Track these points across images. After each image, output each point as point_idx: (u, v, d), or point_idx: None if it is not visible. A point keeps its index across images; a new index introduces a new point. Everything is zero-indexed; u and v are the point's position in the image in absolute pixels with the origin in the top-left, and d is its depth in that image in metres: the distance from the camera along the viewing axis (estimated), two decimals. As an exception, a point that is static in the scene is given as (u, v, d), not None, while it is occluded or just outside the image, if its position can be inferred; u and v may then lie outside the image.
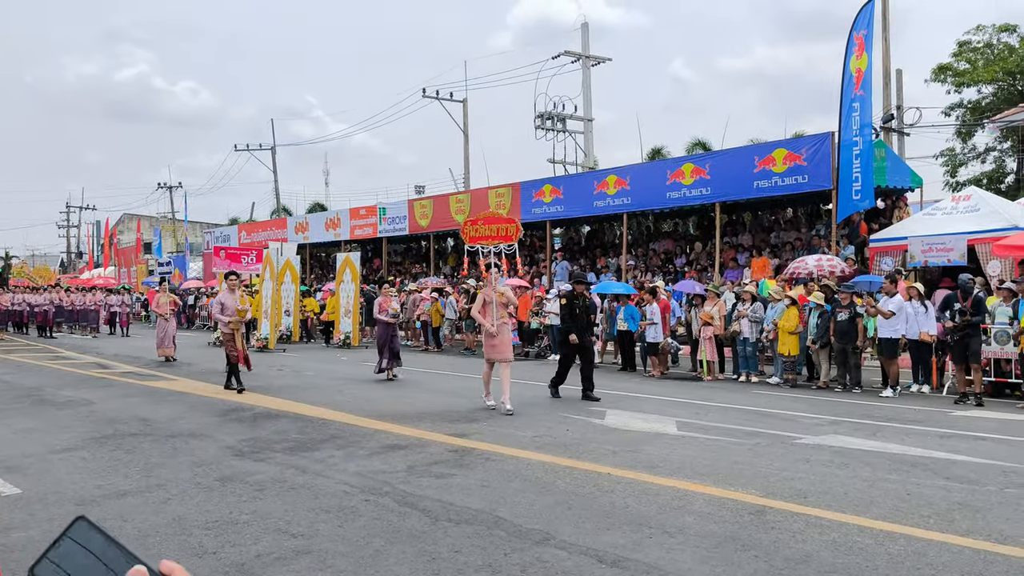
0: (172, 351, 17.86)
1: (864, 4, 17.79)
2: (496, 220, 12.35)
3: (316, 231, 34.07)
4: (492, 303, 10.76)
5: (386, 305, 14.72)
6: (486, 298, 10.92)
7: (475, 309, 11.04)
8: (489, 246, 11.83)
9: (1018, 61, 31.54)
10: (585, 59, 34.61)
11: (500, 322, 10.66)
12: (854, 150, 17.14)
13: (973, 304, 11.46)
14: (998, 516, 5.38)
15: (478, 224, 12.18)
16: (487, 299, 10.88)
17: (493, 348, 10.64)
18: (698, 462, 7.17)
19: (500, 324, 10.65)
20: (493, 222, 12.19)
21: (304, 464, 7.16)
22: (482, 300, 10.99)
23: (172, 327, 18.13)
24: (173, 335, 18.07)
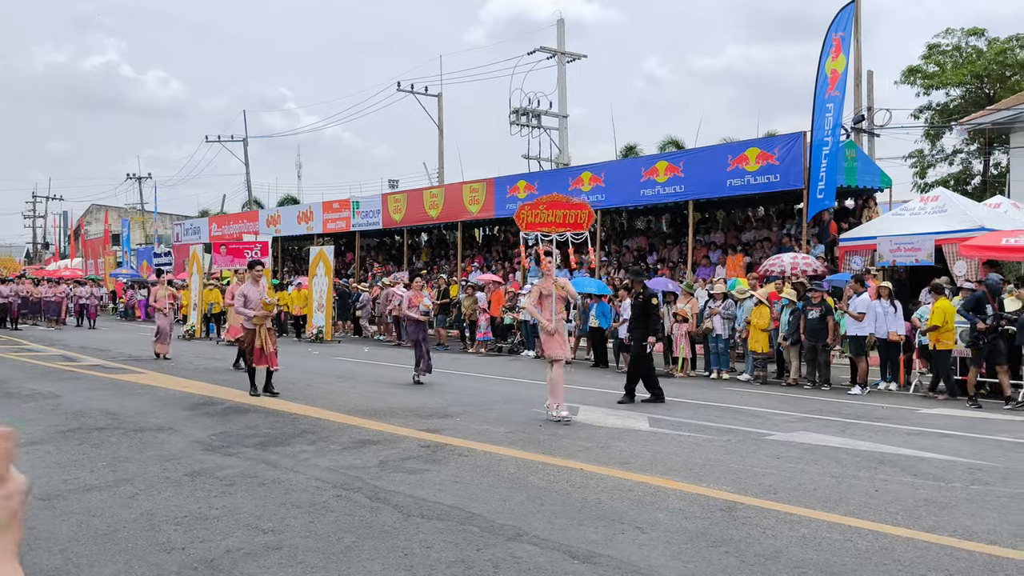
0: (168, 348, 16.82)
1: (845, 5, 17.96)
2: (561, 204, 10.79)
3: (288, 224, 33.78)
4: (551, 296, 9.64)
5: (416, 301, 13.26)
6: (543, 291, 9.72)
7: (530, 302, 9.93)
8: (553, 234, 10.50)
9: (986, 65, 32.05)
10: (560, 55, 34.60)
11: (559, 318, 9.71)
12: (824, 150, 17.32)
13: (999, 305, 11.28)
14: (963, 512, 5.47)
15: (539, 208, 10.70)
16: (545, 292, 9.70)
17: (553, 344, 9.66)
18: (670, 458, 7.21)
19: (558, 320, 9.67)
20: (558, 207, 10.68)
21: (275, 459, 7.10)
22: (538, 293, 9.79)
23: (170, 322, 17.21)
24: (170, 332, 17.10)
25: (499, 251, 28.18)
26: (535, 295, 9.86)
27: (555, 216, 10.57)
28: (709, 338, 14.81)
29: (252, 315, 11.02)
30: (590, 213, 10.74)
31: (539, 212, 10.63)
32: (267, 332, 11.12)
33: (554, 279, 9.77)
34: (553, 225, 10.55)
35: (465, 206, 26.22)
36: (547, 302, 9.69)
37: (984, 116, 26.23)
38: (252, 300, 11.11)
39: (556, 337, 9.59)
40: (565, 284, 9.91)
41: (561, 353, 9.52)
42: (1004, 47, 32.13)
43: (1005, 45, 32.18)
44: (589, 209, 10.84)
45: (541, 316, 9.63)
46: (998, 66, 32.07)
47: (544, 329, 9.66)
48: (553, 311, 9.59)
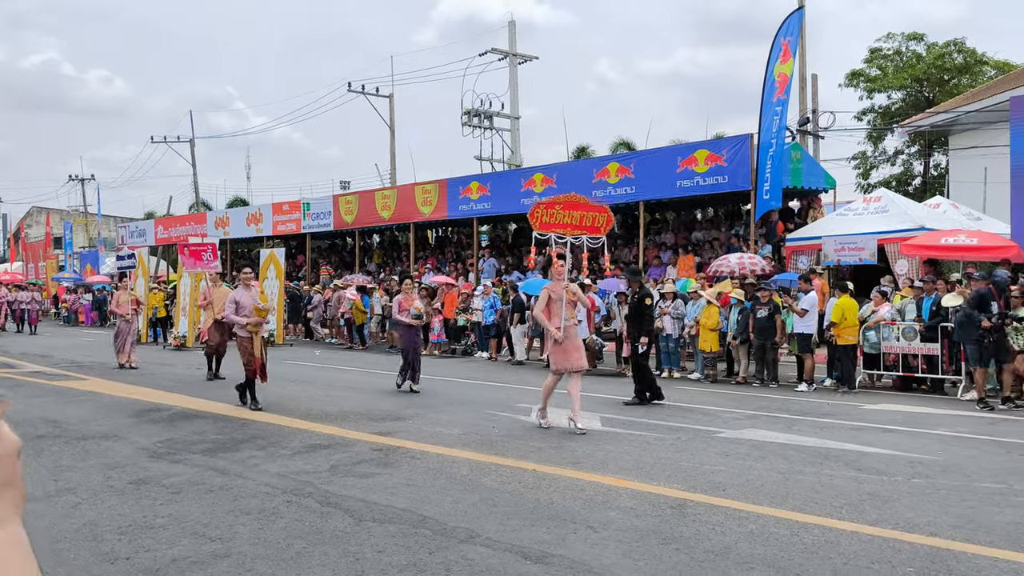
0: (133, 357, 15.75)
1: (793, 11, 18.34)
2: (579, 206, 10.10)
3: (237, 226, 33.27)
4: (560, 301, 8.96)
5: (407, 304, 12.20)
6: (552, 295, 9.02)
7: (538, 308, 9.11)
8: (567, 236, 9.84)
9: (925, 68, 32.96)
10: (512, 57, 34.68)
11: (569, 324, 8.98)
12: (769, 152, 17.65)
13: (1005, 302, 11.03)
14: (905, 505, 5.61)
15: (554, 208, 10.03)
16: (554, 296, 9.01)
17: (563, 355, 8.86)
18: (622, 457, 7.26)
19: (569, 326, 8.98)
20: (575, 208, 10.01)
21: (223, 465, 6.98)
22: (547, 297, 9.04)
23: (134, 330, 16.24)
24: (134, 340, 16.11)
25: (452, 253, 28.13)
26: (543, 300, 9.09)
27: (572, 218, 10.02)
28: (660, 338, 14.96)
29: (245, 322, 10.30)
30: (609, 217, 10.17)
31: (555, 212, 10.06)
32: (262, 341, 10.45)
33: (565, 283, 9.15)
34: (569, 227, 9.99)
35: (418, 207, 26.12)
36: (555, 308, 9.00)
37: (924, 119, 26.97)
38: (244, 306, 10.40)
39: (566, 345, 8.85)
40: (576, 289, 9.28)
41: (572, 364, 8.83)
42: (942, 52, 33.09)
43: (943, 50, 33.15)
44: (609, 213, 10.23)
45: (550, 324, 8.92)
46: (937, 70, 33.01)
47: (551, 338, 8.99)
48: (562, 317, 8.90)
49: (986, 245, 13.69)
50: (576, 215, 10.02)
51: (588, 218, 10.07)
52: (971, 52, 33.05)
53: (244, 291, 10.61)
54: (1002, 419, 9.69)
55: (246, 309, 10.36)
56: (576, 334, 9.09)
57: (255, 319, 10.34)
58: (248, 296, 10.52)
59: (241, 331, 10.40)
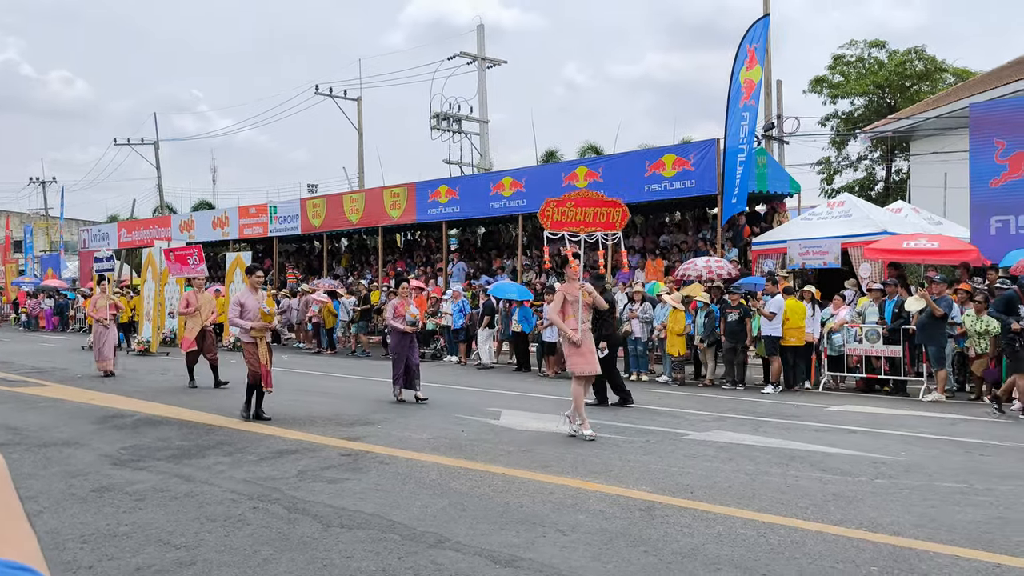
0: (112, 364, 15.17)
1: (759, 18, 18.57)
2: (592, 202, 9.81)
3: (203, 230, 32.86)
4: (576, 303, 8.66)
5: (402, 309, 11.66)
6: (568, 296, 8.70)
7: (553, 310, 8.79)
8: (580, 234, 9.56)
9: (887, 75, 33.55)
10: (481, 61, 34.70)
11: (584, 327, 8.70)
12: (739, 157, 17.84)
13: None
14: (869, 505, 5.70)
15: (566, 206, 9.73)
16: (569, 297, 8.69)
17: (581, 359, 8.57)
18: (591, 460, 7.29)
19: (585, 329, 8.69)
20: (588, 204, 9.73)
21: (189, 472, 6.89)
22: (562, 299, 8.71)
23: (112, 336, 15.51)
24: (114, 345, 15.49)
25: (421, 257, 28.05)
26: (558, 302, 8.73)
27: (584, 215, 9.68)
28: (628, 341, 15.05)
29: (250, 327, 9.78)
30: (624, 212, 9.81)
31: (566, 210, 9.72)
32: (267, 347, 9.91)
33: (581, 284, 8.84)
34: (582, 224, 9.66)
35: (386, 211, 26.00)
36: (571, 309, 8.68)
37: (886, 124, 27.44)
38: (249, 310, 9.83)
39: (583, 348, 8.57)
40: (592, 290, 8.91)
41: (589, 368, 8.60)
42: (904, 59, 33.72)
43: (905, 57, 33.77)
44: (624, 207, 9.88)
45: (566, 325, 8.60)
46: (898, 77, 33.62)
47: (568, 340, 8.61)
48: (579, 319, 8.62)
49: (946, 249, 13.96)
50: (589, 211, 9.70)
51: (602, 214, 9.75)
52: (931, 59, 33.72)
53: (251, 294, 10.07)
54: (963, 419, 9.88)
55: (251, 313, 9.84)
56: (591, 337, 8.83)
57: (261, 324, 9.82)
58: (254, 299, 9.97)
59: (245, 336, 9.90)
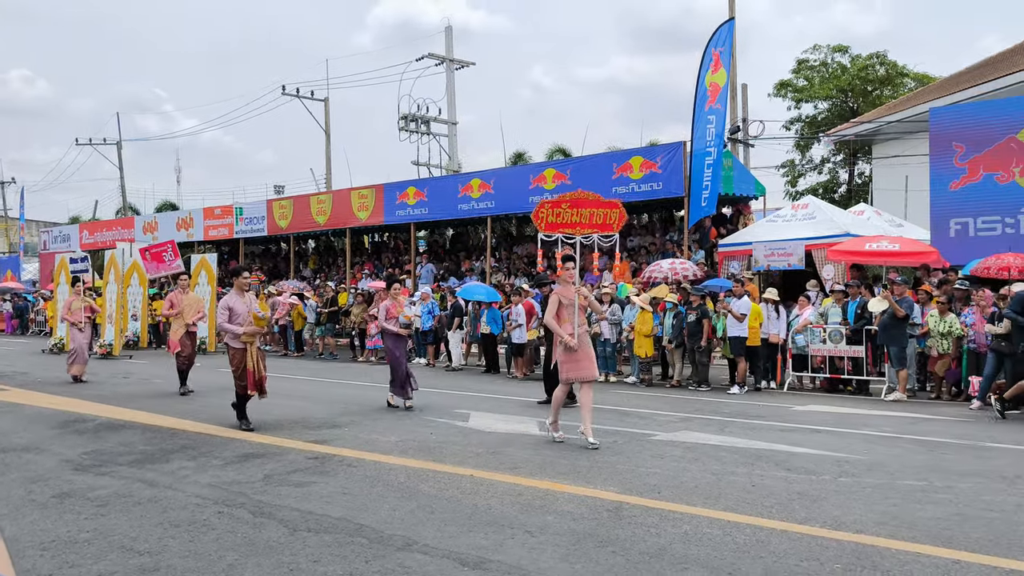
0: (84, 369, 14.60)
1: (724, 22, 18.76)
2: (588, 203, 9.54)
3: (167, 231, 32.41)
4: (572, 306, 8.40)
5: (396, 311, 11.05)
6: (563, 300, 8.42)
7: (548, 314, 8.49)
8: (576, 236, 9.41)
9: (850, 80, 34.10)
10: (449, 62, 34.67)
11: (581, 331, 8.41)
12: (707, 160, 18.01)
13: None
14: (833, 504, 5.78)
15: (561, 207, 9.46)
16: (564, 301, 8.42)
17: (575, 364, 8.28)
18: (559, 462, 7.31)
19: (582, 333, 8.41)
20: (584, 205, 9.46)
21: (152, 477, 6.79)
22: (557, 303, 8.44)
23: (87, 339, 14.89)
24: (86, 349, 14.81)
25: (389, 258, 27.94)
26: (553, 306, 8.45)
27: (581, 216, 9.45)
28: (597, 342, 15.10)
29: (241, 332, 9.21)
30: (622, 213, 9.60)
31: (562, 211, 9.49)
32: (259, 352, 9.46)
33: (576, 287, 8.55)
34: (578, 226, 9.45)
35: (354, 212, 25.88)
36: (566, 313, 8.43)
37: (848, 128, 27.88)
38: (239, 313, 9.31)
39: (579, 354, 8.30)
40: (588, 293, 8.68)
41: (585, 374, 8.29)
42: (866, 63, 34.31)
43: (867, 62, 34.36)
44: (622, 208, 9.66)
45: (562, 331, 8.32)
46: (861, 81, 34.21)
47: (564, 346, 8.29)
48: (575, 324, 8.35)
49: (907, 251, 14.22)
50: (585, 213, 9.47)
51: (599, 215, 9.49)
52: (892, 64, 34.34)
53: (238, 297, 9.52)
54: (924, 418, 10.06)
55: (241, 317, 9.30)
56: (588, 342, 8.56)
57: (252, 328, 9.24)
58: (243, 303, 9.44)
59: (234, 341, 9.31)
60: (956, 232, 14.52)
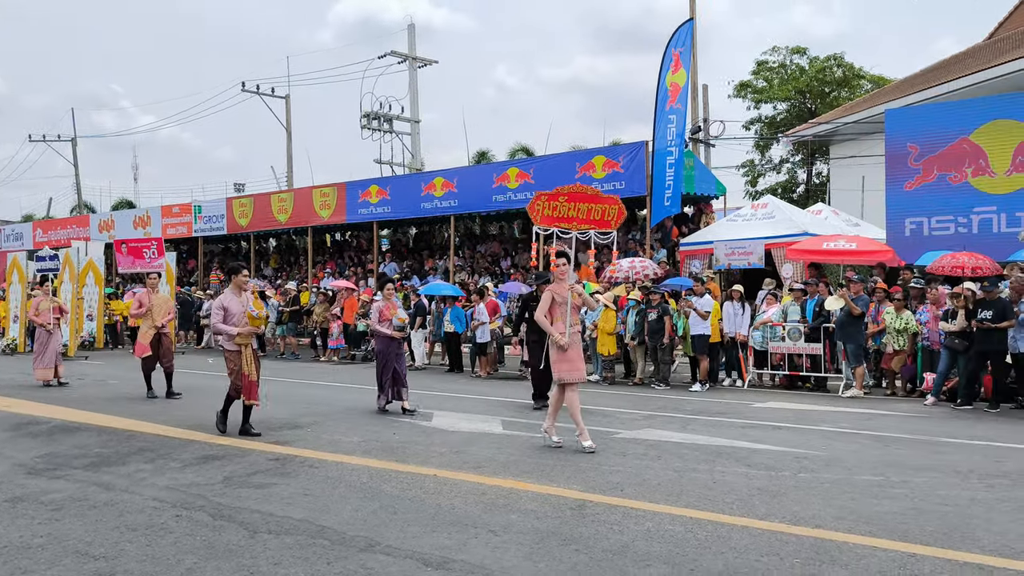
0: (60, 371, 14.01)
1: (683, 22, 18.93)
2: (585, 197, 9.15)
3: (123, 229, 31.84)
4: (565, 304, 8.11)
5: (389, 313, 10.61)
6: (556, 297, 8.14)
7: (540, 311, 8.16)
8: (572, 231, 8.94)
9: (808, 81, 34.61)
10: (412, 60, 34.50)
11: (573, 330, 8.13)
12: (668, 159, 18.16)
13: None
14: (792, 499, 5.86)
15: (558, 200, 9.08)
16: (558, 299, 8.14)
17: (568, 364, 7.98)
18: (523, 460, 7.31)
19: (574, 332, 8.13)
20: (581, 199, 9.08)
21: (108, 480, 6.66)
22: (549, 300, 8.14)
23: (57, 342, 14.18)
24: (57, 352, 14.11)
25: (351, 257, 27.74)
26: (546, 303, 8.15)
27: (578, 211, 9.12)
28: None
29: (235, 333, 8.71)
30: (621, 209, 9.23)
31: (558, 205, 9.16)
32: (253, 355, 8.94)
33: (570, 284, 8.26)
34: (574, 220, 9.07)
35: (316, 211, 25.66)
36: (559, 311, 8.12)
37: (807, 129, 28.29)
38: (234, 314, 8.77)
39: (570, 353, 8.01)
40: (582, 291, 8.37)
41: (577, 375, 8.01)
42: (824, 65, 34.86)
43: (824, 63, 34.92)
44: (620, 204, 9.27)
45: (553, 329, 8.03)
46: (818, 83, 34.75)
47: (556, 344, 8.02)
48: (567, 323, 8.06)
49: (864, 250, 14.47)
50: (583, 207, 9.16)
51: (596, 211, 9.18)
52: (849, 67, 34.93)
53: (234, 296, 8.94)
54: (880, 414, 10.25)
55: (236, 317, 8.76)
56: (579, 341, 8.35)
57: (248, 329, 8.75)
58: (239, 302, 8.86)
59: (228, 343, 8.81)
60: (911, 231, 14.82)
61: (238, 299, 8.91)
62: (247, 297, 9.02)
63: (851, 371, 12.33)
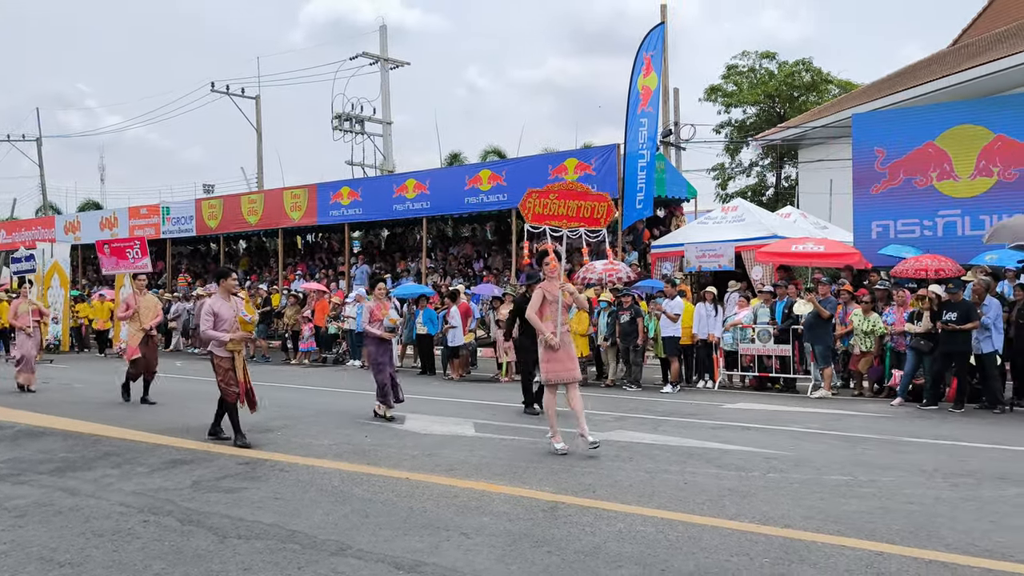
0: (33, 378, 13.52)
1: (654, 26, 19.06)
2: (575, 195, 9.15)
3: (90, 231, 31.40)
4: (556, 303, 7.93)
5: (380, 313, 10.23)
6: (548, 296, 7.94)
7: (531, 310, 7.97)
8: (563, 229, 8.99)
9: (777, 85, 35.01)
10: (384, 62, 34.40)
11: (564, 329, 7.92)
12: (640, 162, 18.28)
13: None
14: (762, 500, 5.91)
15: (548, 197, 9.06)
16: (549, 297, 7.94)
17: (557, 364, 7.82)
18: (495, 463, 7.31)
19: (564, 332, 7.93)
20: (571, 197, 9.08)
21: (74, 485, 6.55)
22: (541, 298, 7.93)
23: (35, 346, 13.63)
24: (35, 356, 13.62)
25: (323, 259, 27.56)
26: (536, 301, 7.93)
27: (568, 208, 9.08)
28: (532, 343, 15.16)
29: (227, 339, 8.33)
30: (610, 207, 9.23)
31: (549, 202, 9.12)
32: (244, 361, 8.62)
33: (561, 283, 8.09)
34: (565, 218, 9.07)
35: (286, 212, 25.48)
36: (549, 310, 7.94)
37: (776, 133, 28.63)
38: (225, 319, 8.40)
39: (560, 354, 7.82)
40: (573, 290, 8.23)
41: (567, 375, 7.83)
42: (792, 70, 35.29)
43: (793, 68, 35.35)
44: (609, 202, 9.27)
45: (544, 328, 7.84)
46: (787, 87, 35.16)
47: (545, 344, 7.84)
48: (558, 322, 7.87)
49: (831, 252, 14.66)
50: (573, 205, 9.13)
51: (586, 208, 9.16)
52: (817, 71, 35.40)
53: (223, 301, 8.58)
54: (847, 415, 10.37)
55: (227, 323, 8.40)
56: (570, 341, 8.11)
57: (240, 335, 8.43)
58: (229, 307, 8.51)
59: (219, 349, 8.41)
60: (877, 234, 15.04)
61: (228, 304, 8.58)
62: (237, 301, 8.72)
63: (819, 372, 12.48)
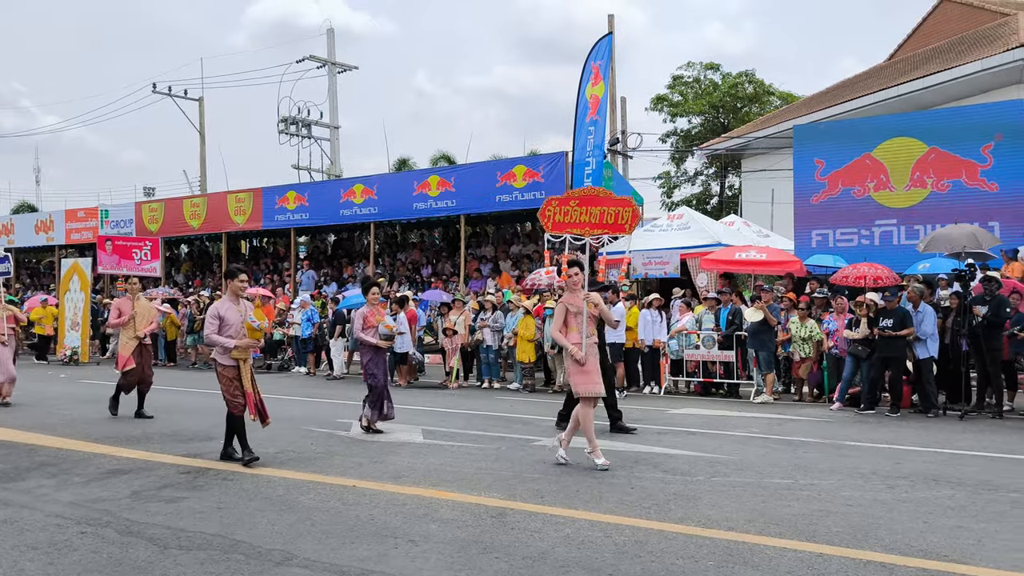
0: (11, 389, 12.36)
1: (602, 36, 19.25)
2: (599, 200, 8.77)
3: (24, 234, 30.45)
4: (580, 315, 7.59)
5: (374, 320, 9.46)
6: (571, 308, 7.61)
7: (555, 325, 7.68)
8: (585, 237, 8.61)
9: (720, 96, 35.69)
10: (331, 65, 34.10)
11: (590, 341, 7.56)
12: (587, 169, 18.42)
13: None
14: (706, 503, 6.01)
15: (569, 204, 8.73)
16: (572, 310, 7.61)
17: (584, 377, 7.44)
18: (443, 469, 7.29)
19: (590, 344, 7.55)
20: (594, 203, 8.70)
21: (6, 496, 6.34)
22: (564, 312, 7.62)
23: (10, 354, 12.48)
24: (11, 365, 12.45)
25: (268, 264, 27.16)
26: (560, 316, 7.65)
27: (590, 215, 8.74)
28: (480, 349, 15.18)
29: (232, 346, 7.64)
30: (635, 211, 8.92)
31: (570, 209, 8.79)
32: (251, 370, 7.88)
33: (585, 294, 7.67)
34: (587, 225, 8.74)
35: (230, 216, 25.05)
36: (574, 323, 7.60)
37: (720, 143, 29.17)
38: (231, 324, 7.69)
39: (588, 366, 7.45)
40: (599, 300, 7.79)
41: (593, 387, 7.45)
42: (736, 81, 36.02)
43: (736, 80, 36.08)
44: (635, 206, 8.96)
45: (568, 342, 7.51)
46: (731, 98, 35.88)
47: (571, 358, 7.50)
48: (583, 334, 7.51)
49: (773, 260, 14.98)
50: (596, 211, 8.76)
51: (609, 214, 8.76)
52: (760, 83, 36.20)
53: (231, 304, 7.81)
54: (788, 419, 10.60)
55: (233, 328, 7.69)
56: (595, 353, 7.69)
57: (246, 342, 7.72)
58: (236, 311, 7.77)
59: (223, 357, 7.70)
60: (817, 243, 15.42)
61: (236, 307, 7.82)
62: (246, 305, 7.95)
63: (762, 378, 12.73)
